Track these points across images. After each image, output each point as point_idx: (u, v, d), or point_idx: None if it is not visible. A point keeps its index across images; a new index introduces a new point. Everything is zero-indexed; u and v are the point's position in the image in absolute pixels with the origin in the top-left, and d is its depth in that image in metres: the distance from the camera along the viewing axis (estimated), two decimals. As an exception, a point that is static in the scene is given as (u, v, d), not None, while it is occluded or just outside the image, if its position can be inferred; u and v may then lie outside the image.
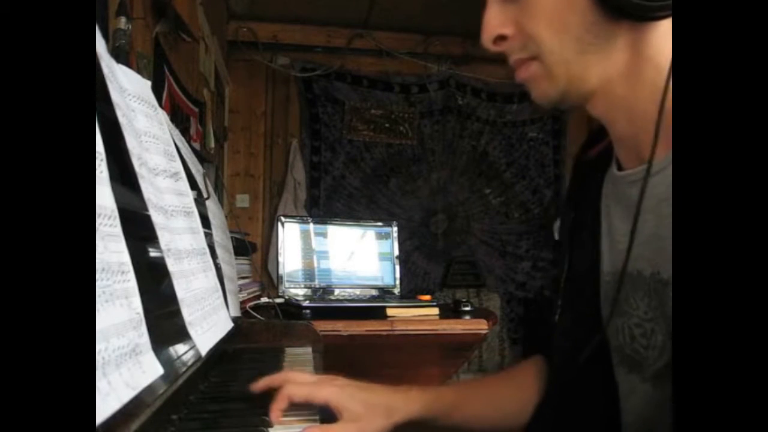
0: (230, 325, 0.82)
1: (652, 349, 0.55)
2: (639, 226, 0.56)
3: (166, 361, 0.51)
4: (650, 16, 0.50)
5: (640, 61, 0.53)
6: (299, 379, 0.67)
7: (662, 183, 0.53)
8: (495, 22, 0.57)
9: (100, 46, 0.52)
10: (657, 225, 0.54)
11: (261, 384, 0.66)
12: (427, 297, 1.72)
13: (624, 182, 0.59)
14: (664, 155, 0.53)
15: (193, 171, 0.91)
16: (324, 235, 1.88)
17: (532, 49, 0.55)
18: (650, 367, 0.55)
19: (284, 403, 0.62)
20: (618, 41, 0.53)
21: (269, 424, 0.60)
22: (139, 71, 0.93)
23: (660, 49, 0.52)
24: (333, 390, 0.65)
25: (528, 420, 0.72)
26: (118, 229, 0.44)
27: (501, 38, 0.57)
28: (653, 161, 0.54)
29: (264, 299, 1.70)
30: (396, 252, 1.95)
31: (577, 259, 0.68)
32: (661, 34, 0.52)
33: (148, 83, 0.70)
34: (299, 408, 0.63)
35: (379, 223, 2.02)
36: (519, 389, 0.75)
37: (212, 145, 2.28)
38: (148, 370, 0.45)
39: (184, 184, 0.74)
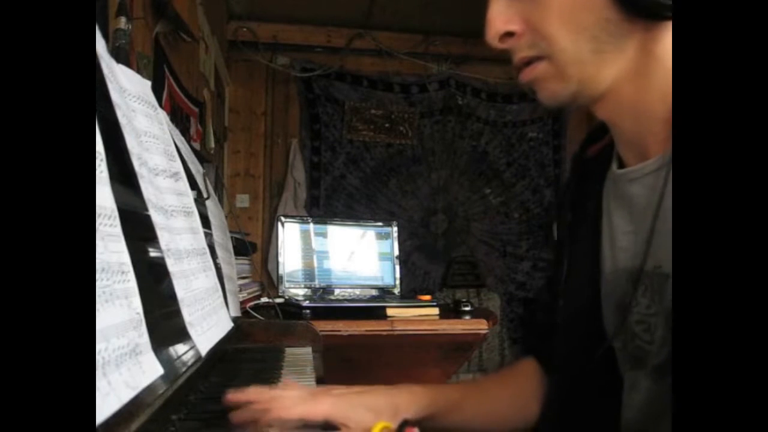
0: (230, 325, 0.82)
1: (655, 344, 0.54)
2: (639, 223, 0.56)
3: (166, 361, 0.51)
4: (667, 15, 0.49)
5: (650, 62, 0.52)
6: (289, 400, 0.59)
7: (662, 178, 0.53)
8: (502, 18, 0.54)
9: (100, 46, 0.52)
10: (659, 219, 0.53)
11: (241, 396, 0.59)
12: (427, 297, 1.72)
13: (624, 180, 0.59)
14: (664, 151, 0.53)
15: (193, 171, 0.91)
16: (324, 235, 1.88)
17: (542, 48, 0.53)
18: (651, 361, 0.55)
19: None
20: (631, 41, 0.51)
21: (269, 425, 0.59)
22: (139, 71, 0.93)
23: (669, 50, 0.51)
24: (331, 402, 0.60)
25: (528, 423, 0.72)
26: (118, 229, 0.44)
27: (507, 35, 0.54)
28: (653, 158, 0.54)
29: (264, 299, 1.70)
30: (396, 252, 1.95)
31: (577, 259, 0.67)
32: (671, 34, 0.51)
33: (148, 83, 0.70)
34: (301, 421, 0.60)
35: (379, 223, 2.02)
36: (516, 392, 0.75)
37: (212, 145, 2.28)
38: (148, 370, 0.45)
39: (184, 184, 0.74)
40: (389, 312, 1.54)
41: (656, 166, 0.54)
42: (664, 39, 0.51)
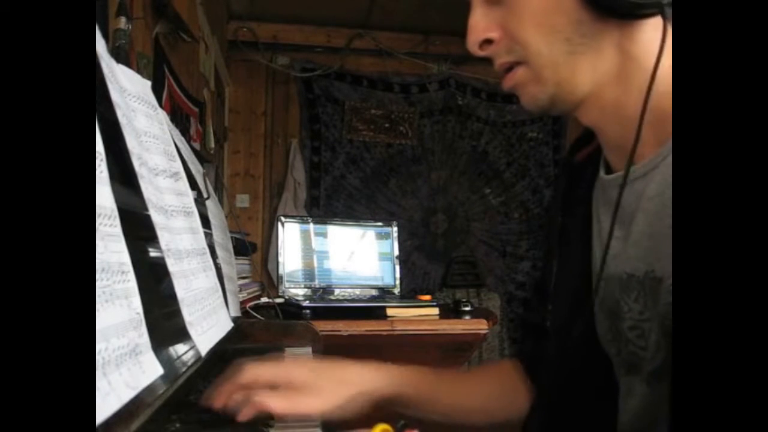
0: (230, 325, 0.82)
1: (649, 349, 0.54)
2: (629, 228, 0.55)
3: (166, 361, 0.51)
4: (638, 13, 0.50)
5: (628, 63, 0.52)
6: (258, 367, 0.63)
7: (651, 182, 0.53)
8: (481, 26, 0.55)
9: (100, 46, 0.52)
10: (649, 223, 0.53)
11: (221, 399, 0.60)
12: (427, 297, 1.72)
13: (612, 185, 0.58)
14: (651, 155, 0.53)
15: (193, 171, 0.91)
16: (324, 235, 1.88)
17: (519, 53, 0.54)
18: (647, 366, 0.55)
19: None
20: (606, 42, 0.52)
21: (270, 425, 0.59)
22: (139, 71, 0.93)
23: (647, 50, 0.51)
24: (299, 369, 0.64)
25: (506, 420, 0.72)
26: (118, 229, 0.44)
27: (487, 42, 0.56)
28: (640, 162, 0.54)
29: (264, 299, 1.70)
30: (396, 252, 1.95)
31: (567, 264, 0.67)
32: (648, 34, 0.51)
33: (148, 83, 0.70)
34: (300, 420, 0.62)
35: (379, 223, 2.02)
36: (497, 388, 0.75)
37: (212, 145, 2.28)
38: (148, 370, 0.45)
39: (184, 184, 0.74)
40: (389, 312, 1.54)
41: (643, 171, 0.53)
42: (641, 39, 0.52)
